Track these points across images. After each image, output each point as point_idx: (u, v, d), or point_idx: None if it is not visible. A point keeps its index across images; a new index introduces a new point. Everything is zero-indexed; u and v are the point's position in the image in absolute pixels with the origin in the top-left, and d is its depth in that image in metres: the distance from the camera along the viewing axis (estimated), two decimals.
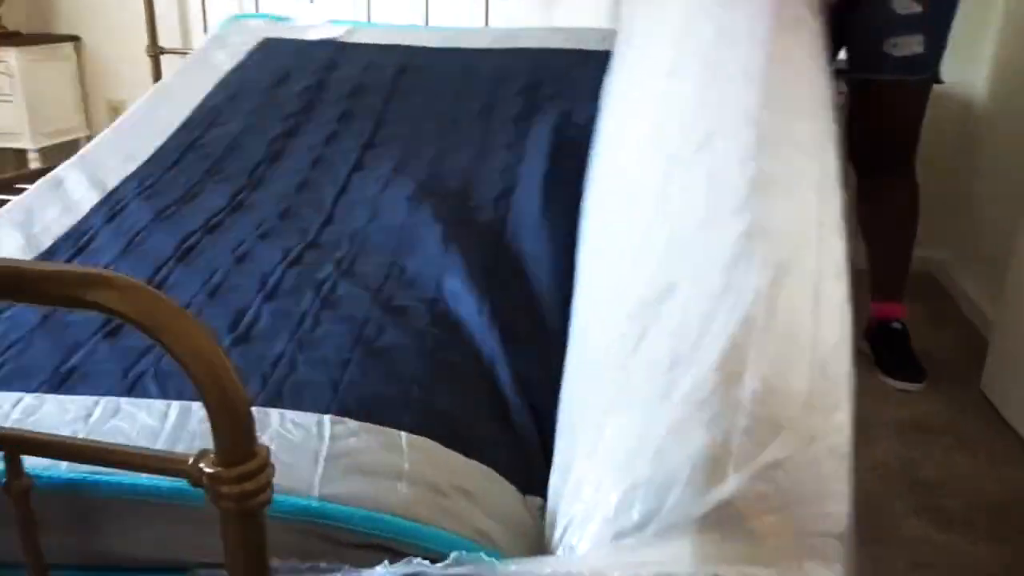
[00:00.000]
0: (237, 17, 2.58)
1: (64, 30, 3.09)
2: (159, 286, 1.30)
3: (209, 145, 1.86)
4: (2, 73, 2.84)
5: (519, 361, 1.14)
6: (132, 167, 1.77)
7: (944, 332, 2.38)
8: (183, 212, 1.58)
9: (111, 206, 1.60)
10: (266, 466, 0.67)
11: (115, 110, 3.16)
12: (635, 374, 0.90)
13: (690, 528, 0.76)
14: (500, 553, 0.84)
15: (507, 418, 1.06)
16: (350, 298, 1.27)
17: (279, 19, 2.54)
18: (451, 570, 0.77)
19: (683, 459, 0.79)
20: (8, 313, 1.20)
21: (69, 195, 1.65)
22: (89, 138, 3.18)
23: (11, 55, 2.80)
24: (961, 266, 2.63)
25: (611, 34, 1.88)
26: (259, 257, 1.40)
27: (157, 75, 2.97)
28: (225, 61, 2.23)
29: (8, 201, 1.66)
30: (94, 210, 1.59)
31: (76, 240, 1.48)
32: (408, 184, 1.66)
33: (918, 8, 1.85)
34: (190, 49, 2.96)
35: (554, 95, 1.96)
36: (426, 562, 0.78)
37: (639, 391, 0.88)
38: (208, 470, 0.65)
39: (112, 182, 1.70)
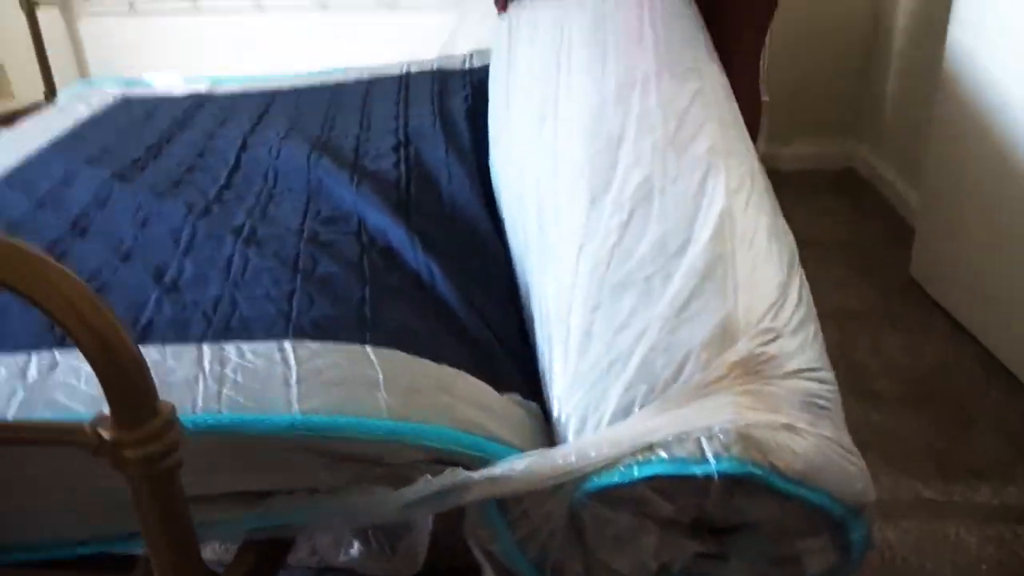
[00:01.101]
0: (90, 82, 2.41)
1: None
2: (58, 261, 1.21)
3: (82, 151, 1.72)
4: None
5: (458, 278, 1.14)
6: None
7: (872, 222, 2.47)
8: (66, 195, 1.47)
9: None
10: (172, 424, 0.61)
11: None
12: (630, 260, 0.94)
13: (701, 392, 0.80)
14: (508, 445, 0.84)
15: (462, 330, 1.05)
16: (273, 238, 1.23)
17: (134, 82, 2.38)
18: (492, 471, 0.77)
19: (694, 332, 0.84)
20: None
21: None
22: None
23: None
24: (880, 158, 2.67)
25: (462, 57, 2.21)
26: (164, 215, 1.33)
27: (36, 31, 2.75)
28: (85, 112, 2.06)
29: None
30: None
31: None
32: (303, 144, 1.65)
33: None
34: None
35: (425, 99, 1.94)
36: (465, 471, 0.78)
37: (636, 274, 0.92)
38: (107, 435, 0.60)
39: None
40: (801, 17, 2.65)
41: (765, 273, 0.92)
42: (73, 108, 2.13)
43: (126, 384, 0.58)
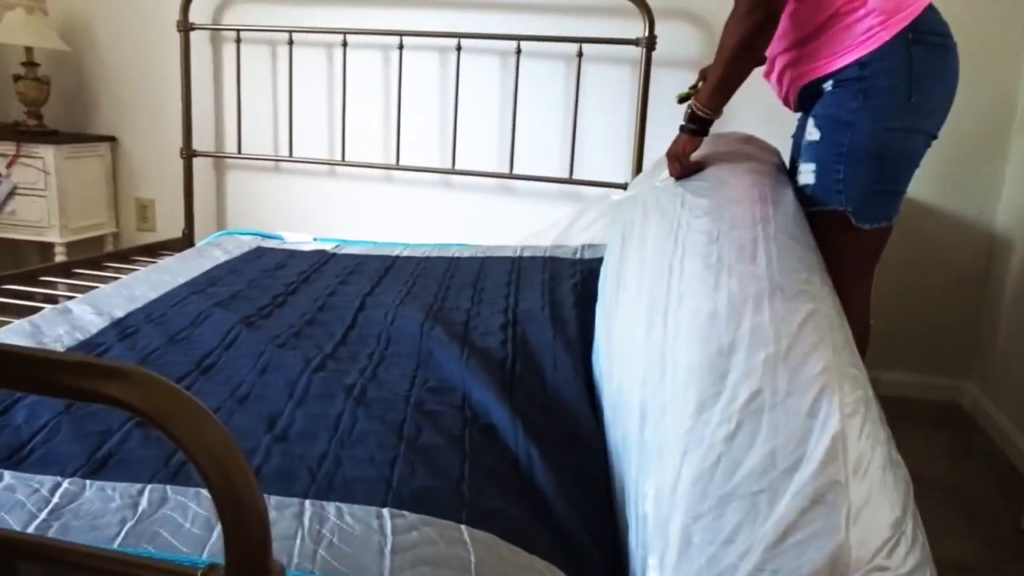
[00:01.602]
0: (228, 232, 2.67)
1: (102, 131, 3.18)
2: None
3: (214, 295, 1.86)
4: (39, 169, 2.89)
5: (556, 469, 1.14)
6: (138, 304, 1.77)
7: (977, 465, 2.33)
8: (196, 335, 1.57)
9: (121, 329, 1.59)
10: None
11: (144, 208, 3.22)
12: (737, 472, 0.93)
13: None
14: None
15: (556, 523, 1.04)
16: (382, 401, 1.27)
17: (268, 235, 2.63)
18: None
19: (802, 559, 0.82)
20: (29, 399, 1.18)
21: (76, 319, 1.64)
22: (115, 235, 3.24)
23: (49, 152, 2.87)
24: (990, 398, 2.60)
25: (576, 248, 2.36)
26: (282, 366, 1.40)
27: (188, 177, 3.04)
28: (221, 256, 2.28)
29: (27, 292, 1.64)
30: (103, 331, 1.58)
31: (87, 351, 1.46)
32: (417, 312, 1.73)
33: (816, 135, 1.72)
34: (223, 153, 3.06)
35: (536, 283, 2.04)
36: None
37: (743, 488, 0.91)
38: None
39: (119, 313, 1.69)
40: (916, 247, 2.69)
41: (880, 507, 0.89)
42: (210, 253, 2.31)
43: (247, 538, 0.59)
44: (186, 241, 3.05)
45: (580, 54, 2.72)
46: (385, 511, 0.93)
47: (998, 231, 2.67)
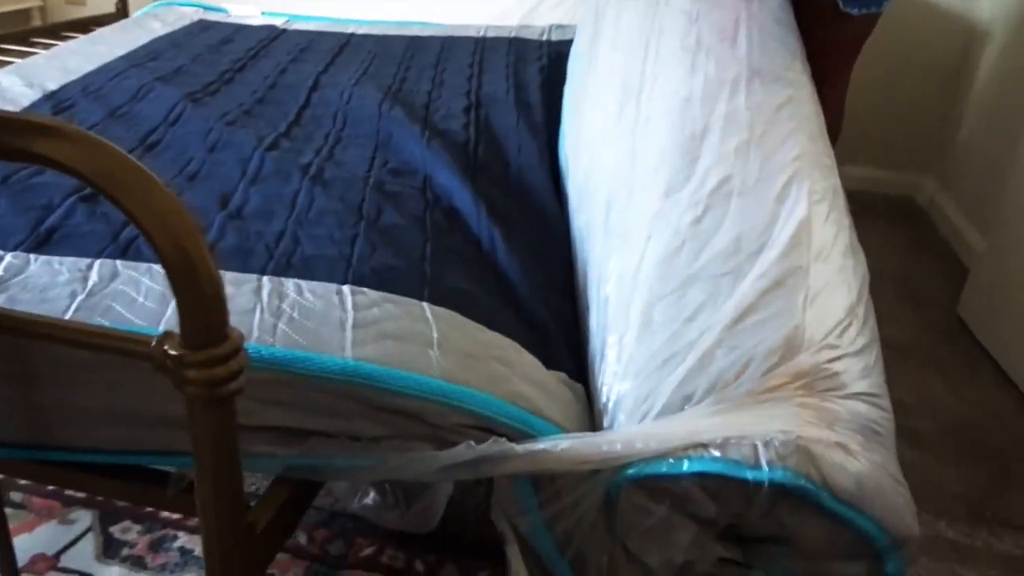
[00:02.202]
0: (167, 3, 2.39)
1: None
2: None
3: (156, 69, 1.73)
4: None
5: (519, 250, 1.12)
6: (74, 77, 1.63)
7: (923, 256, 2.41)
8: (138, 110, 1.47)
9: (55, 103, 1.48)
10: (238, 351, 0.60)
11: None
12: (702, 256, 0.92)
13: (760, 399, 0.78)
14: (554, 424, 0.83)
15: (518, 303, 1.04)
16: (339, 180, 1.23)
17: (212, 8, 2.36)
18: (534, 447, 0.76)
19: (759, 338, 0.82)
20: None
21: (4, 91, 1.51)
22: (42, 8, 2.97)
23: None
24: (946, 194, 2.64)
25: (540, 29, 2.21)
26: (233, 143, 1.33)
27: None
28: (160, 29, 2.07)
29: None
30: (36, 104, 1.46)
31: None
32: (374, 92, 1.64)
33: None
34: None
35: (500, 65, 1.92)
36: (508, 442, 0.77)
37: (706, 271, 0.90)
38: (172, 352, 0.59)
39: (52, 86, 1.56)
40: (893, 44, 2.59)
41: (837, 291, 0.90)
42: (149, 24, 2.14)
43: (202, 305, 0.57)
44: (120, 16, 2.82)
45: None
46: (345, 288, 0.92)
47: (980, 23, 2.58)
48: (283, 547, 1.30)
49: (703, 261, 0.92)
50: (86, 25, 2.65)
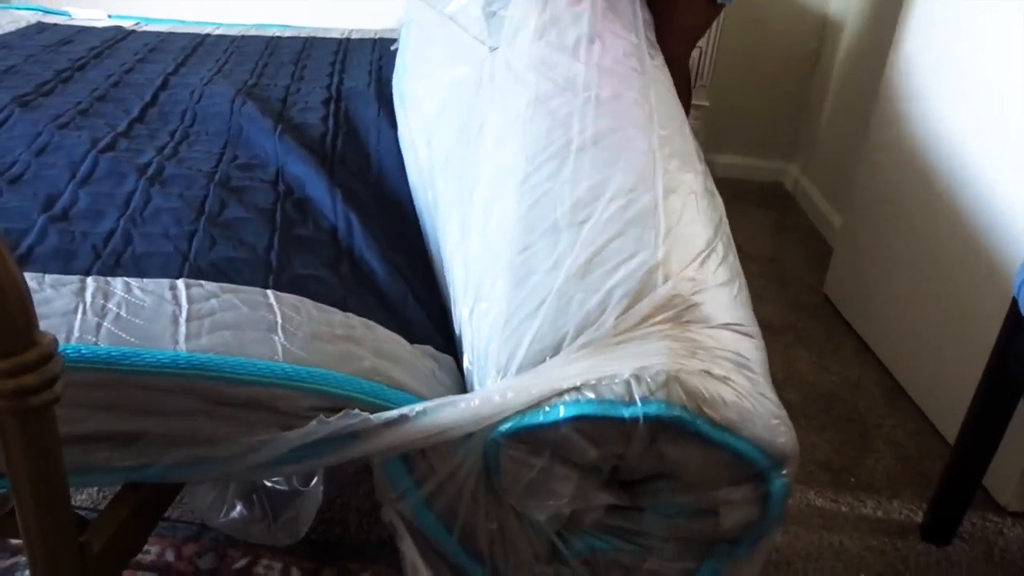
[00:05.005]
0: (2, 6, 2.24)
1: None
2: None
3: None
4: None
5: (377, 234, 1.10)
6: None
7: (790, 237, 2.51)
8: None
9: None
10: (50, 356, 0.56)
11: None
12: (554, 211, 0.91)
13: (625, 337, 0.77)
14: (415, 395, 0.80)
15: (375, 282, 1.01)
16: (181, 178, 1.17)
17: (52, 11, 2.22)
18: (388, 415, 0.73)
19: (613, 277, 0.82)
20: None
21: None
22: None
23: None
24: (808, 178, 2.73)
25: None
26: (64, 147, 1.24)
27: None
28: None
29: None
30: None
31: None
32: (227, 90, 1.57)
33: None
34: None
35: (364, 63, 1.89)
36: (361, 412, 0.73)
37: (558, 224, 0.89)
38: None
39: None
40: (750, 34, 2.69)
41: (692, 226, 0.90)
42: None
43: (4, 307, 0.52)
44: None
45: None
46: (180, 282, 0.86)
47: (832, 15, 2.71)
48: (141, 565, 1.22)
49: (556, 215, 0.90)
50: None
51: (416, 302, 0.98)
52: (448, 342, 0.94)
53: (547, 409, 0.72)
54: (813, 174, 2.72)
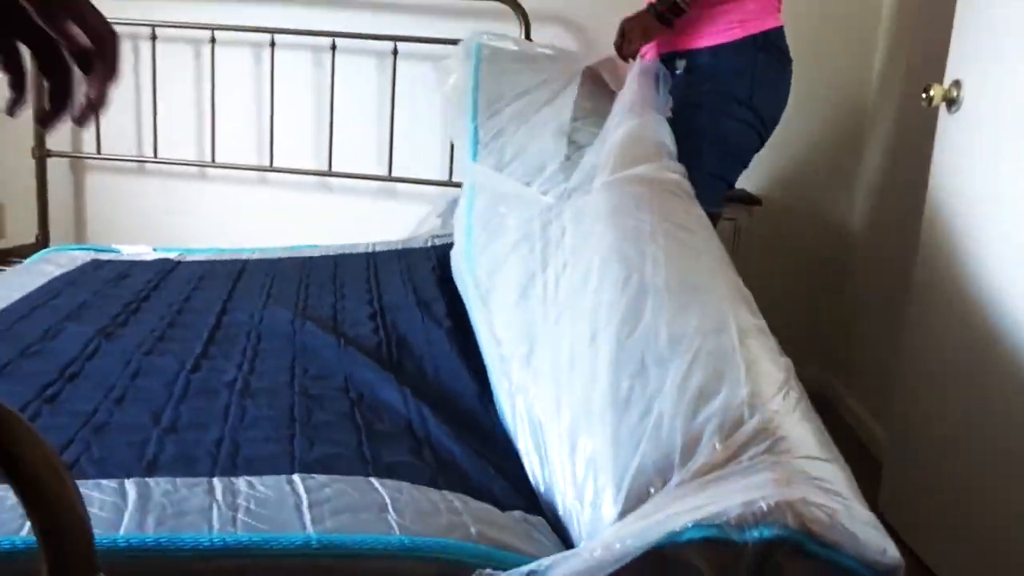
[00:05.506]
0: (57, 248, 2.46)
1: None
2: (50, 402, 1.23)
3: (60, 307, 1.75)
4: None
5: (449, 422, 1.22)
6: None
7: (839, 448, 2.51)
8: (51, 348, 1.49)
9: None
10: None
11: None
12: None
13: (721, 475, 0.86)
14: (523, 554, 0.88)
15: (459, 464, 1.11)
16: (266, 391, 1.30)
17: (103, 249, 2.46)
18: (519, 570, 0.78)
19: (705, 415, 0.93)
20: None
21: None
22: None
23: None
24: (849, 391, 2.76)
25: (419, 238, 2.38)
26: (155, 370, 1.37)
27: (42, 178, 2.87)
28: (54, 271, 2.11)
29: None
30: None
31: None
32: (283, 310, 1.74)
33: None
34: (80, 153, 2.94)
35: (395, 274, 2.07)
36: (495, 572, 0.78)
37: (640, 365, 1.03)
38: None
39: None
40: (776, 249, 2.86)
41: (767, 367, 1.03)
42: (42, 268, 2.15)
43: (69, 548, 0.52)
44: (40, 246, 2.86)
45: None
46: (295, 476, 0.98)
47: (855, 229, 2.87)
48: None
49: (643, 357, 1.04)
50: (3, 256, 2.70)
51: (498, 473, 1.09)
52: (534, 504, 1.05)
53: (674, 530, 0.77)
54: (853, 388, 2.76)
